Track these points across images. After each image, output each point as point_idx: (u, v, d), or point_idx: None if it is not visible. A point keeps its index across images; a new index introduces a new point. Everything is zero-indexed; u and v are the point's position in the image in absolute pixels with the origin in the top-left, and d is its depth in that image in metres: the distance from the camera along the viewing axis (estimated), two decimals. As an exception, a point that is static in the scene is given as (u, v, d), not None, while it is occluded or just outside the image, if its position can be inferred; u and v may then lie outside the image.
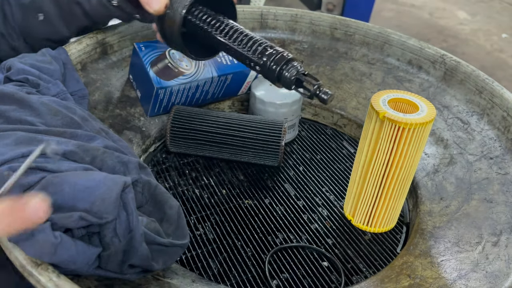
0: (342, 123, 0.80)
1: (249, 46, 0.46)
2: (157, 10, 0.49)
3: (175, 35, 0.51)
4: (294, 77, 0.42)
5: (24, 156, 0.38)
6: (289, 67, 0.43)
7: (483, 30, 2.43)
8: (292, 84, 0.43)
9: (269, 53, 0.44)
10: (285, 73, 0.42)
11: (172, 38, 0.52)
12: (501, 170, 0.59)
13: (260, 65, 0.45)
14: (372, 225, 0.60)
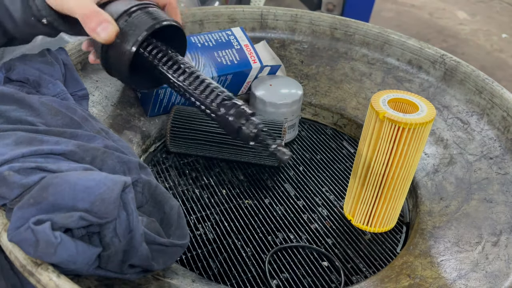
0: (342, 123, 0.80)
1: (207, 93, 0.42)
2: (106, 40, 0.43)
3: (122, 67, 0.45)
4: (253, 133, 0.40)
5: (24, 156, 0.38)
6: (248, 123, 0.40)
7: (483, 30, 2.43)
8: (251, 140, 0.41)
9: (228, 105, 0.41)
10: (245, 128, 0.40)
11: (118, 68, 0.46)
12: (501, 170, 0.59)
13: (218, 115, 0.41)
14: (372, 225, 0.60)
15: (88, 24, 0.42)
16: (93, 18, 0.42)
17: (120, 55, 0.44)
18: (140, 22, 0.43)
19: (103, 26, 0.42)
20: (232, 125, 0.40)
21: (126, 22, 0.43)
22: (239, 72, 0.72)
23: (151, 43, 0.44)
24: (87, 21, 0.42)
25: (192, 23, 0.81)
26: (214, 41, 0.73)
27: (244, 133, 0.40)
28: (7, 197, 0.37)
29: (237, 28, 0.77)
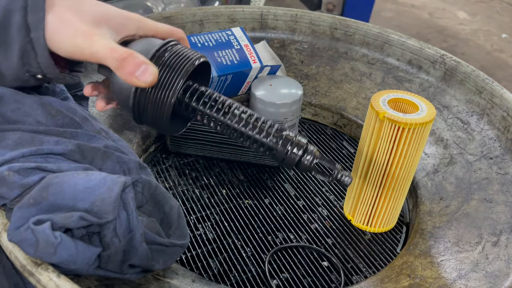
0: (342, 123, 0.80)
1: (258, 129, 0.39)
2: (150, 83, 0.37)
3: (162, 115, 0.39)
4: (314, 164, 0.39)
5: (24, 156, 0.38)
6: (308, 154, 0.39)
7: (483, 30, 2.43)
8: (312, 170, 0.40)
9: (284, 138, 0.39)
10: (304, 161, 0.39)
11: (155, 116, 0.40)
12: (501, 170, 0.59)
13: (276, 150, 0.39)
14: (372, 225, 0.60)
15: (125, 68, 0.36)
16: (130, 61, 0.36)
17: (158, 102, 0.39)
18: (175, 63, 0.39)
19: (143, 69, 0.36)
20: (293, 158, 0.39)
21: (160, 63, 0.38)
22: (239, 72, 0.72)
23: (188, 86, 0.41)
24: (123, 64, 0.36)
25: (192, 23, 0.81)
26: (214, 41, 0.73)
27: (304, 166, 0.39)
28: (7, 197, 0.37)
29: (237, 28, 0.77)
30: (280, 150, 0.39)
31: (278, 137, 0.39)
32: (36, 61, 0.39)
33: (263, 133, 0.39)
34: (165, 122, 0.40)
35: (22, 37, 0.37)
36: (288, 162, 0.39)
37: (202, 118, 0.41)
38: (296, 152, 0.39)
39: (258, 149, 0.40)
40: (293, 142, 0.39)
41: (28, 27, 0.37)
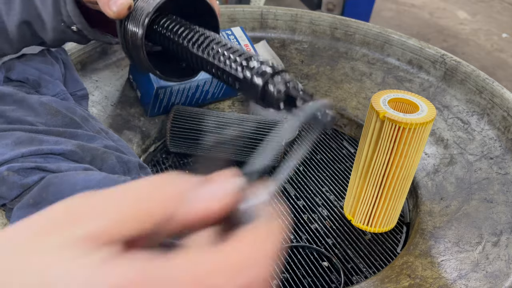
0: (342, 123, 0.80)
1: (225, 58, 0.35)
2: (116, 13, 0.38)
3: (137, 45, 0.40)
4: (283, 92, 0.32)
5: (24, 156, 0.38)
6: (277, 80, 0.32)
7: (483, 30, 2.43)
8: (280, 101, 0.32)
9: (252, 65, 0.34)
10: (271, 87, 0.32)
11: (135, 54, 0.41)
12: (501, 170, 0.59)
13: (240, 80, 0.34)
14: (372, 225, 0.60)
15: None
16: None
17: (134, 36, 0.39)
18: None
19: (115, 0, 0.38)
20: (256, 86, 0.32)
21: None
22: (239, 72, 0.72)
23: (166, 17, 0.40)
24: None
25: (192, 23, 0.81)
26: (214, 41, 0.73)
27: (270, 94, 0.32)
28: (7, 197, 0.37)
29: (237, 27, 0.77)
30: (244, 77, 0.33)
31: (244, 63, 0.34)
32: (65, 10, 0.42)
33: (228, 60, 0.35)
34: (143, 56, 0.40)
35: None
36: (253, 92, 0.33)
37: (171, 46, 0.39)
38: (260, 79, 0.32)
39: (223, 77, 0.36)
40: (262, 66, 0.33)
41: None
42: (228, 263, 0.15)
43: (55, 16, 0.43)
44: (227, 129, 0.66)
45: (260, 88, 0.32)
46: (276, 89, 0.32)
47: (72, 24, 0.44)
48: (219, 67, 0.35)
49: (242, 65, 0.34)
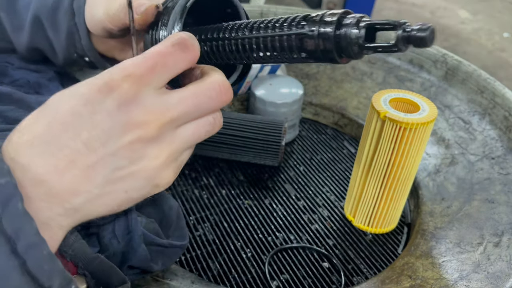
0: (343, 122, 0.80)
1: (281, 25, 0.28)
2: (143, 16, 0.34)
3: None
4: (362, 28, 0.25)
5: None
6: (347, 20, 0.26)
7: (484, 29, 2.42)
8: (361, 40, 0.25)
9: (313, 17, 0.27)
10: (345, 30, 0.26)
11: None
12: (502, 170, 0.59)
13: (306, 37, 0.27)
14: (373, 225, 0.60)
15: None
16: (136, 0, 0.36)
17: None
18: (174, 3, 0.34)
19: (141, 4, 0.35)
20: (329, 38, 0.26)
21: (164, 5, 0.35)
22: (239, 71, 0.72)
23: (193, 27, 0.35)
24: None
25: (192, 22, 0.81)
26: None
27: (347, 38, 0.26)
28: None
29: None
30: (310, 35, 0.26)
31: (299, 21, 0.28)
32: (80, 43, 0.42)
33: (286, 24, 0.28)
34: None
35: (68, 20, 0.41)
36: (327, 45, 0.26)
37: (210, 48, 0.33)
38: (330, 28, 0.26)
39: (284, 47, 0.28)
40: (322, 17, 0.27)
41: (73, 11, 0.41)
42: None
43: (68, 48, 0.44)
44: (227, 129, 0.66)
45: (332, 34, 0.26)
46: (351, 28, 0.26)
47: (85, 56, 0.44)
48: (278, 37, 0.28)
49: (301, 22, 0.28)
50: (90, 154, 0.23)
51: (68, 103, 0.24)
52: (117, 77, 0.23)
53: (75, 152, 0.23)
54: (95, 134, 0.23)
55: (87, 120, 0.23)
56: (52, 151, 0.23)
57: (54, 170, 0.23)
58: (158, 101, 0.24)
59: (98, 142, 0.23)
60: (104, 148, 0.23)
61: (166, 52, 0.25)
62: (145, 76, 0.24)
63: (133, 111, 0.23)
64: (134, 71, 0.24)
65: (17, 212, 0.22)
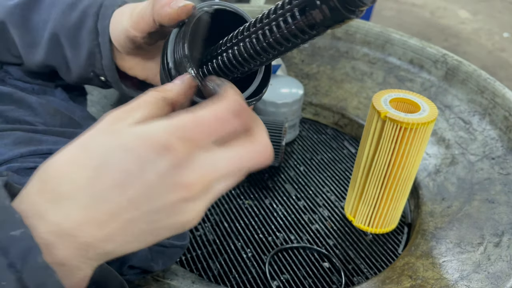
0: (343, 123, 0.80)
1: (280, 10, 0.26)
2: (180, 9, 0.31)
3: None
4: None
5: (23, 156, 0.38)
6: None
7: (484, 29, 2.43)
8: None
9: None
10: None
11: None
12: (503, 170, 0.59)
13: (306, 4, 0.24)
14: (373, 225, 0.60)
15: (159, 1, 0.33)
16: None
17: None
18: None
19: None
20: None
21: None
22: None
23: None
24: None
25: (193, 22, 0.81)
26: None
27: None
28: (6, 198, 0.37)
29: (237, 27, 0.76)
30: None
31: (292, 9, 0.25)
32: (100, 63, 0.42)
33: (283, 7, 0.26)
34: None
35: (91, 39, 0.41)
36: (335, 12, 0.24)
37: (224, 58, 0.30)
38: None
39: (290, 29, 0.26)
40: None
41: (97, 31, 0.40)
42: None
43: (85, 67, 0.43)
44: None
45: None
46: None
47: (102, 76, 0.43)
48: (282, 18, 0.26)
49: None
50: (133, 210, 0.23)
51: (119, 158, 0.23)
52: (174, 139, 0.23)
53: (118, 207, 0.23)
54: (142, 192, 0.23)
55: (137, 178, 0.23)
56: (95, 205, 0.23)
57: (94, 222, 0.23)
58: (208, 162, 0.24)
59: (143, 199, 0.23)
60: (147, 205, 0.23)
61: (225, 120, 0.25)
62: (201, 140, 0.24)
63: (183, 174, 0.23)
64: (192, 135, 0.24)
65: (37, 266, 0.22)
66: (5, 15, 0.43)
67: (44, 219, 0.23)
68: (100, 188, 0.23)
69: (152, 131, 0.23)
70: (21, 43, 0.44)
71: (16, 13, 0.43)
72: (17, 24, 0.44)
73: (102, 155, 0.23)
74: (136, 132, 0.23)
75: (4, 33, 0.44)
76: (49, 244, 0.22)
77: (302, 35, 0.26)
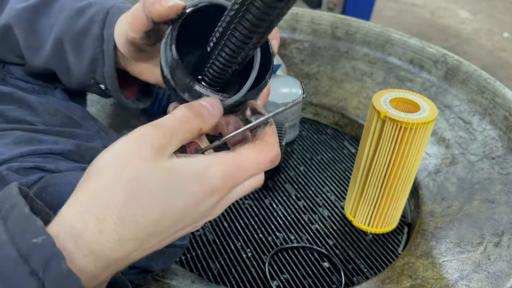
0: (343, 122, 0.80)
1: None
2: (170, 7, 0.31)
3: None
4: None
5: (23, 155, 0.38)
6: None
7: (484, 29, 2.43)
8: None
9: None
10: None
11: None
12: (503, 170, 0.59)
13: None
14: (373, 225, 0.60)
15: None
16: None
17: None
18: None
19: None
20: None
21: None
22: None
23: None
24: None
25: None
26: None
27: None
28: (5, 198, 0.37)
29: (237, 27, 0.76)
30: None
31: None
32: (102, 70, 0.42)
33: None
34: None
35: (96, 46, 0.41)
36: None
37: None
38: None
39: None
40: None
41: (102, 38, 0.40)
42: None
43: (87, 74, 0.43)
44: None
45: None
46: None
47: (102, 83, 0.43)
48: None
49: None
50: (171, 235, 0.26)
51: (182, 202, 0.25)
52: (224, 184, 0.26)
53: (164, 237, 0.26)
54: (187, 222, 0.26)
55: (190, 215, 0.25)
56: (148, 240, 0.25)
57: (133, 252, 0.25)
58: (235, 195, 0.28)
59: (184, 226, 0.26)
60: (180, 232, 0.26)
61: (264, 168, 0.28)
62: (242, 181, 0.27)
63: (218, 206, 0.27)
64: (236, 182, 0.27)
65: (61, 273, 0.21)
66: (13, 18, 0.43)
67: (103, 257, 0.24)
68: (161, 228, 0.25)
69: (210, 177, 0.25)
70: (25, 45, 0.44)
71: (24, 16, 0.43)
72: (23, 27, 0.44)
73: (166, 198, 0.24)
74: (196, 176, 0.25)
75: (9, 34, 0.44)
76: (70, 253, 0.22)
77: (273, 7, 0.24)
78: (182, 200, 0.24)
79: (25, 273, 0.21)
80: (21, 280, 0.20)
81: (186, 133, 0.26)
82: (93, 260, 0.23)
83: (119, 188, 0.23)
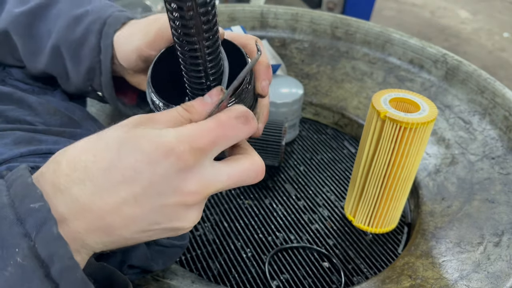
0: (343, 122, 0.80)
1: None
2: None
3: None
4: None
5: (23, 155, 0.38)
6: None
7: (484, 29, 2.43)
8: None
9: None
10: None
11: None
12: (503, 170, 0.59)
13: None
14: (373, 225, 0.60)
15: None
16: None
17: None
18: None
19: None
20: None
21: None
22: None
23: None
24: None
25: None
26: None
27: None
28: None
29: (237, 26, 0.76)
30: None
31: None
32: (99, 79, 0.43)
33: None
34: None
35: (93, 56, 0.42)
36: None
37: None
38: None
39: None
40: None
41: (100, 49, 0.41)
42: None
43: (84, 81, 0.44)
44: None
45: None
46: None
47: (99, 91, 0.44)
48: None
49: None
50: (135, 207, 0.24)
51: (132, 156, 0.24)
52: (183, 146, 0.24)
53: (123, 201, 0.24)
54: (147, 191, 0.24)
55: (145, 177, 0.24)
56: (102, 195, 0.24)
57: (98, 210, 0.24)
58: (211, 174, 0.26)
59: (147, 198, 0.25)
60: (150, 204, 0.25)
61: (230, 125, 0.26)
62: (207, 148, 0.25)
63: (187, 180, 0.25)
64: (199, 144, 0.25)
65: (51, 236, 0.23)
66: (9, 23, 0.44)
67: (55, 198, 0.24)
68: (110, 180, 0.24)
69: (163, 137, 0.25)
70: (24, 50, 0.45)
71: (21, 21, 0.43)
72: (20, 32, 0.44)
73: (117, 150, 0.24)
74: (151, 136, 0.25)
75: (7, 40, 0.45)
76: (65, 223, 0.24)
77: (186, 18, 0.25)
78: (133, 155, 0.24)
79: (19, 234, 0.22)
80: (14, 239, 0.22)
81: (173, 118, 0.27)
82: (63, 202, 0.24)
83: (82, 142, 0.25)
